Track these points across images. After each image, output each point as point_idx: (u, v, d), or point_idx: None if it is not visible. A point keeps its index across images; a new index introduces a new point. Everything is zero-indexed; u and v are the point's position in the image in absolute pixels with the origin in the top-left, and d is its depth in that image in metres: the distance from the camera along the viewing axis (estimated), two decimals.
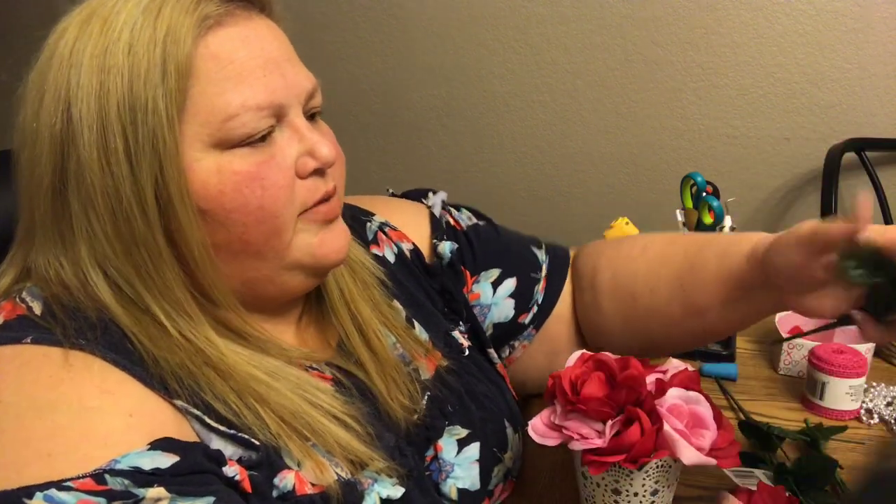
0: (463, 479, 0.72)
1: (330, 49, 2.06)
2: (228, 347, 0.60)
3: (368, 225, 0.83)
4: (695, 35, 1.76)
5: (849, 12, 1.64)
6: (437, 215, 0.88)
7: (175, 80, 0.55)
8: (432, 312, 0.81)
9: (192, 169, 0.57)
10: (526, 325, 0.87)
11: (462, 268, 0.85)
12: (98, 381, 0.53)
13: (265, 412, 0.58)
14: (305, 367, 0.66)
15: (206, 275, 0.59)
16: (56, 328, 0.55)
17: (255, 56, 0.59)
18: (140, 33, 0.55)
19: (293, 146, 0.61)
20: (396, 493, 0.63)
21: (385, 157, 2.13)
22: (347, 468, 0.61)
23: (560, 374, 0.68)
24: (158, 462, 0.50)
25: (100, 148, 0.55)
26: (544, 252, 0.92)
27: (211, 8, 0.57)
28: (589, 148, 1.93)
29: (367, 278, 0.75)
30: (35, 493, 0.47)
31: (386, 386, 0.70)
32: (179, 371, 0.57)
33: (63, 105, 0.56)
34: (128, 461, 0.49)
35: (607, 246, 0.90)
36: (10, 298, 0.59)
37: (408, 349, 0.74)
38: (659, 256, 0.83)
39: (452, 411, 0.75)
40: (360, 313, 0.72)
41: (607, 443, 0.63)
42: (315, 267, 0.64)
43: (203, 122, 0.57)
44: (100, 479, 0.48)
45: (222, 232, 0.59)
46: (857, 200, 0.60)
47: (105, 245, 0.57)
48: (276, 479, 0.58)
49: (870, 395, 0.94)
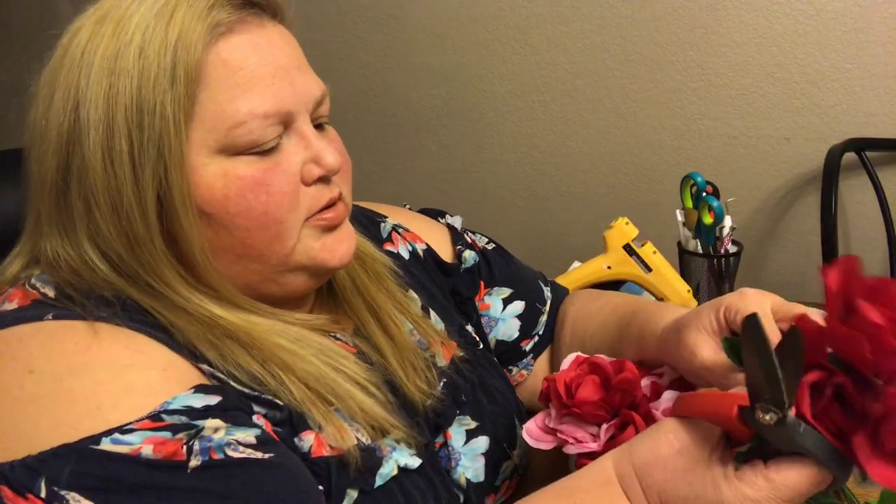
0: (469, 470, 0.72)
1: (329, 49, 2.06)
2: (247, 320, 0.61)
3: (382, 225, 0.85)
4: (695, 35, 1.75)
5: (849, 12, 1.64)
6: (459, 230, 0.91)
7: (184, 85, 0.56)
8: (446, 306, 0.82)
9: (198, 173, 0.58)
10: (527, 351, 0.89)
11: (479, 279, 0.88)
12: (126, 342, 0.54)
13: (289, 379, 0.60)
14: (328, 335, 0.67)
15: (209, 276, 0.60)
16: (75, 307, 0.56)
17: (265, 64, 0.59)
18: (152, 37, 0.56)
19: (299, 153, 0.62)
20: (414, 463, 0.64)
21: (385, 157, 2.13)
22: (368, 434, 0.62)
23: (555, 377, 0.68)
24: (206, 401, 0.52)
25: (104, 149, 0.56)
26: (550, 289, 0.95)
27: (223, 15, 0.58)
28: (589, 148, 1.93)
29: (378, 269, 0.77)
30: (101, 439, 0.48)
31: (404, 370, 0.70)
32: (202, 340, 0.58)
33: (72, 105, 0.57)
34: (179, 402, 0.51)
35: (583, 297, 0.94)
36: (20, 286, 0.59)
37: (424, 336, 0.75)
38: (603, 321, 0.86)
39: (465, 401, 0.75)
40: (374, 301, 0.73)
41: (602, 446, 0.63)
42: (316, 269, 0.65)
43: (210, 128, 0.58)
44: (157, 419, 0.50)
45: (225, 236, 0.60)
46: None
47: (108, 242, 0.58)
48: (297, 438, 0.59)
49: None
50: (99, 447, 0.48)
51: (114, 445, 0.48)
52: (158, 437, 0.49)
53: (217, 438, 0.51)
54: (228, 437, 0.51)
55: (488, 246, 0.93)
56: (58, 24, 0.61)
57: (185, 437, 0.50)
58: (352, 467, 0.60)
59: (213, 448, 0.50)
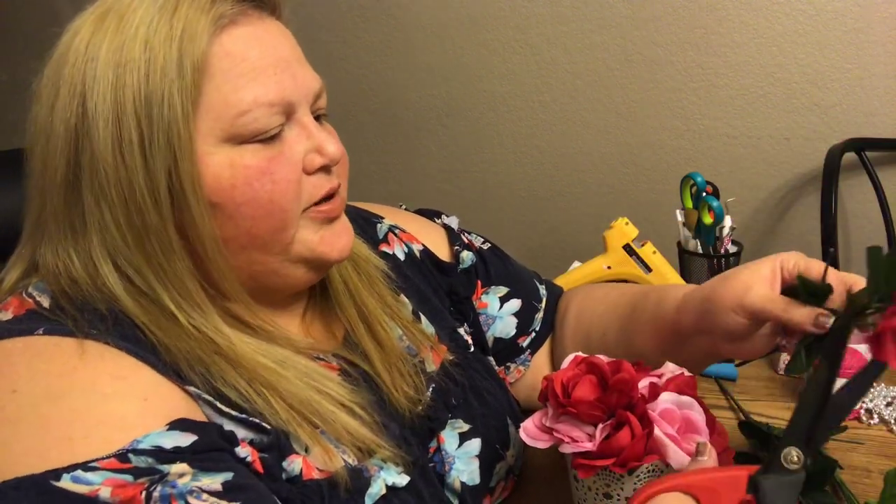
0: (464, 473, 0.72)
1: (329, 49, 2.06)
2: (238, 337, 0.61)
3: (379, 226, 0.86)
4: (695, 35, 1.75)
5: (849, 12, 1.63)
6: (455, 229, 0.91)
7: (191, 75, 0.57)
8: (439, 309, 0.83)
9: (205, 162, 0.58)
10: (524, 348, 0.90)
11: (476, 278, 0.88)
12: (111, 367, 0.54)
13: (275, 399, 0.60)
14: (313, 357, 0.67)
15: (216, 267, 0.60)
16: (67, 320, 0.56)
17: (268, 55, 0.61)
18: (157, 30, 0.57)
19: (301, 143, 0.63)
20: (402, 481, 0.64)
21: (384, 157, 2.13)
22: (354, 455, 0.62)
23: (553, 376, 0.68)
24: (178, 441, 0.51)
25: (114, 140, 0.56)
26: (545, 287, 0.96)
27: (226, 7, 0.59)
28: (589, 148, 1.93)
29: (371, 272, 0.77)
30: (62, 475, 0.47)
31: (391, 377, 0.71)
32: (190, 359, 0.58)
33: (78, 98, 0.57)
34: (149, 441, 0.50)
35: (586, 288, 0.96)
36: (17, 294, 0.60)
37: (414, 341, 0.76)
38: (613, 301, 0.87)
39: (456, 404, 0.76)
40: (365, 305, 0.74)
41: (597, 446, 0.63)
42: (314, 262, 0.66)
43: (216, 118, 0.58)
44: (123, 459, 0.49)
45: (231, 225, 0.60)
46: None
47: (117, 236, 0.58)
48: (285, 462, 0.59)
49: (870, 395, 0.94)
50: (59, 484, 0.47)
51: (73, 484, 0.47)
52: (119, 479, 0.48)
53: (181, 484, 0.50)
54: (193, 484, 0.50)
55: (484, 246, 0.94)
56: (58, 23, 0.61)
57: (148, 482, 0.49)
58: (342, 489, 0.60)
59: (174, 496, 0.49)
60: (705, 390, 1.00)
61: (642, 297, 0.82)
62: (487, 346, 0.87)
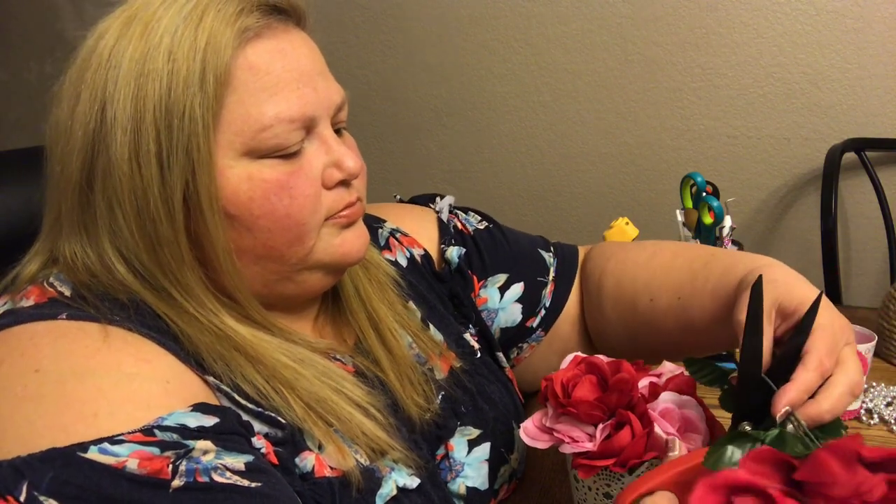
0: (472, 479, 0.72)
1: (330, 49, 2.06)
2: (256, 335, 0.61)
3: (380, 231, 0.85)
4: (695, 35, 1.75)
5: (849, 12, 1.64)
6: (445, 220, 0.89)
7: (213, 88, 0.56)
8: (444, 315, 0.82)
9: (224, 175, 0.58)
10: (534, 328, 0.88)
11: (470, 272, 0.86)
12: (134, 350, 0.54)
13: (292, 397, 0.60)
14: (330, 358, 0.67)
15: (229, 278, 0.61)
16: (89, 308, 0.56)
17: (291, 69, 0.60)
18: (181, 40, 0.56)
19: (321, 157, 0.63)
20: (413, 483, 0.64)
21: (385, 157, 2.13)
22: (367, 455, 0.63)
23: (552, 376, 0.68)
24: (202, 421, 0.52)
25: (132, 149, 0.56)
26: (552, 254, 0.92)
27: (251, 20, 0.59)
28: (589, 148, 1.93)
29: (381, 278, 0.77)
30: (89, 447, 0.48)
31: (401, 384, 0.71)
32: (211, 352, 0.58)
33: (99, 105, 0.57)
34: (174, 419, 0.51)
35: (617, 249, 0.90)
36: (38, 283, 0.60)
37: (423, 349, 0.75)
38: (664, 266, 0.82)
39: (465, 412, 0.75)
40: (376, 312, 0.74)
41: (597, 446, 0.63)
42: (335, 265, 0.66)
43: (237, 131, 0.58)
44: (149, 433, 0.49)
45: (248, 237, 0.60)
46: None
47: (129, 241, 0.58)
48: (298, 458, 0.59)
49: (870, 395, 0.94)
50: (86, 455, 0.47)
51: (101, 455, 0.47)
52: (146, 451, 0.48)
53: (205, 461, 0.50)
54: (217, 461, 0.51)
55: (480, 226, 0.90)
56: (58, 23, 0.61)
57: (173, 455, 0.49)
58: (353, 488, 0.60)
59: (199, 470, 0.49)
60: (705, 390, 0.99)
61: (703, 265, 0.77)
62: (494, 341, 0.86)
